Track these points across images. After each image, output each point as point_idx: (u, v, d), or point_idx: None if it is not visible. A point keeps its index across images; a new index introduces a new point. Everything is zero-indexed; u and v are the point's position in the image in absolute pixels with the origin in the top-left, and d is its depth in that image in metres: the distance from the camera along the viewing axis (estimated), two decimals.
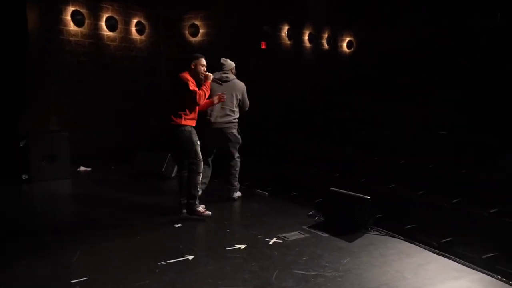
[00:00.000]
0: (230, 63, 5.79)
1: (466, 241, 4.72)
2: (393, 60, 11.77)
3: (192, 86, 4.88)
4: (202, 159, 4.95)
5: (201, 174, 4.95)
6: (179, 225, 4.90)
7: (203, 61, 5.07)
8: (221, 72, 5.71)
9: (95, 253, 4.13)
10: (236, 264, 3.83)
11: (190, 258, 3.97)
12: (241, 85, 5.79)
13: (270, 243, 4.34)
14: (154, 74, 10.89)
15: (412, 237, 4.75)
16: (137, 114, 10.16)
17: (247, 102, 5.83)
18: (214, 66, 5.73)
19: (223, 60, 5.79)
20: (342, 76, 12.51)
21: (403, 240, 4.41)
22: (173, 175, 7.14)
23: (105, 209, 5.64)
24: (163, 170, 6.91)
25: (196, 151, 4.90)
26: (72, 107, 8.98)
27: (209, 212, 4.95)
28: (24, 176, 6.82)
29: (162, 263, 3.84)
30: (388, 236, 4.53)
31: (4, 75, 7.42)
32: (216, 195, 6.07)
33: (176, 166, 7.19)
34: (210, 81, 5.06)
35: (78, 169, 7.81)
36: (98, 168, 8.02)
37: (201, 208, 4.96)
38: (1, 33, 7.33)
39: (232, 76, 5.73)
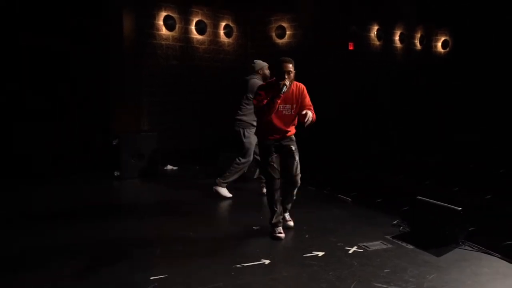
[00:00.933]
0: (259, 64, 5.77)
1: None
2: (492, 59, 10.92)
3: (257, 98, 4.37)
4: (268, 163, 4.50)
5: (273, 187, 4.51)
6: (257, 227, 4.87)
7: (287, 66, 4.27)
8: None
9: (174, 251, 4.21)
10: (313, 272, 3.69)
11: (266, 263, 3.90)
12: (252, 82, 5.80)
13: (350, 252, 4.15)
14: (241, 76, 11.01)
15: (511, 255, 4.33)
16: (225, 115, 10.33)
17: None
18: (301, 68, 5.59)
19: (254, 61, 5.90)
20: (434, 77, 11.83)
21: (500, 258, 3.99)
22: (255, 176, 7.13)
23: (186, 208, 5.77)
24: (245, 171, 6.91)
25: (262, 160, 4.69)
26: (162, 108, 9.35)
27: (281, 235, 4.50)
28: (116, 173, 7.19)
29: (238, 265, 3.81)
30: (482, 252, 4.13)
31: (100, 78, 7.89)
32: (300, 200, 5.97)
33: (257, 168, 7.20)
34: (281, 92, 4.24)
35: (165, 168, 8.09)
36: (184, 167, 8.26)
37: (276, 230, 4.54)
38: (98, 40, 7.80)
39: (251, 75, 5.79)
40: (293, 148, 4.55)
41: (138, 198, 6.55)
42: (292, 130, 4.57)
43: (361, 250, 4.17)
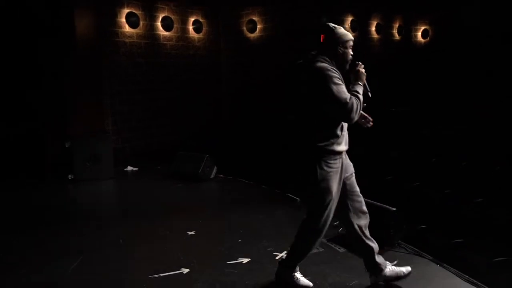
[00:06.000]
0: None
1: None
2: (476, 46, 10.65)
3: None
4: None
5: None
6: (192, 232, 4.66)
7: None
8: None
9: (95, 260, 4.01)
10: (228, 282, 3.49)
11: (184, 272, 3.70)
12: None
13: (277, 258, 3.94)
14: (213, 72, 10.83)
15: (456, 255, 4.14)
16: (195, 112, 10.17)
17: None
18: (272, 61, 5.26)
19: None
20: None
21: (431, 260, 3.77)
22: (211, 176, 6.93)
23: (128, 213, 5.57)
24: (199, 171, 6.72)
25: None
26: (128, 107, 9.12)
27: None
28: (70, 176, 7.01)
29: (153, 276, 3.62)
30: (416, 255, 3.91)
31: (55, 80, 7.67)
32: (244, 199, 5.80)
33: (215, 168, 7.01)
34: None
35: (125, 169, 7.89)
36: (145, 168, 8.04)
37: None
38: (51, 39, 7.57)
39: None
40: None
41: (82, 201, 6.34)
42: None
43: None
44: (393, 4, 11.67)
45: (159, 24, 9.65)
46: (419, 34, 12.65)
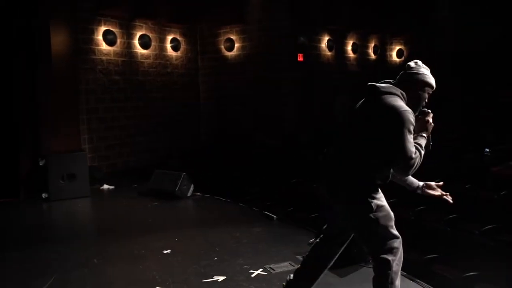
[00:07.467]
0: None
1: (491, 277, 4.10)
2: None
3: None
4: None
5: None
6: (168, 251, 4.63)
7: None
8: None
9: (69, 280, 3.94)
10: None
11: None
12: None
13: (253, 275, 3.94)
14: (191, 90, 10.87)
15: (430, 270, 4.23)
16: (172, 130, 10.17)
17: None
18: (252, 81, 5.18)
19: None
20: None
21: (405, 276, 3.83)
22: (188, 194, 6.91)
23: (103, 232, 5.50)
24: (176, 190, 6.70)
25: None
26: (105, 125, 9.05)
27: None
28: (44, 195, 6.89)
29: None
30: None
31: (29, 96, 7.54)
32: (222, 218, 5.79)
33: (192, 186, 6.99)
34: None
35: (101, 187, 7.80)
36: (122, 186, 7.96)
37: None
38: (26, 55, 7.48)
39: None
40: None
41: (56, 220, 6.27)
42: None
43: (265, 273, 3.98)
44: (369, 24, 11.94)
45: (136, 42, 9.67)
46: (394, 53, 12.95)
